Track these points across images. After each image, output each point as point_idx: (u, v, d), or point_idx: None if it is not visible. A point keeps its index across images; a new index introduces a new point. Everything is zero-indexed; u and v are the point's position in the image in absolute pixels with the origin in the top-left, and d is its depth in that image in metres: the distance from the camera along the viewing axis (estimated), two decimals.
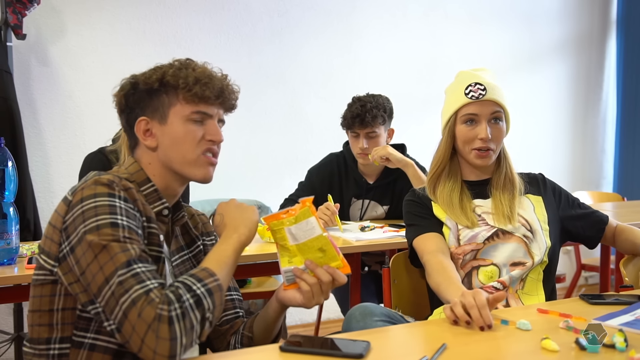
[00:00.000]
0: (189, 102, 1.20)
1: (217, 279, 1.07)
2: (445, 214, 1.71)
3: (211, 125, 1.23)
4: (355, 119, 2.58)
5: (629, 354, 1.05)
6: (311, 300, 1.21)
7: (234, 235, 1.18)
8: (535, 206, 1.75)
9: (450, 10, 4.15)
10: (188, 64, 1.23)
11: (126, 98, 1.23)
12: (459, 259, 1.66)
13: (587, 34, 4.70)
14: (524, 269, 1.65)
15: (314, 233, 1.21)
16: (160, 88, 1.20)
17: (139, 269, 1.01)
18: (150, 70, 1.23)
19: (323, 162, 2.80)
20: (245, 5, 3.57)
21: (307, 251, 1.22)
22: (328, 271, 1.21)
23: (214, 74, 1.23)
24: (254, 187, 3.54)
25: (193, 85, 1.19)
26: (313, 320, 3.43)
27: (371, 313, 1.45)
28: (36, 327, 1.12)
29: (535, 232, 1.69)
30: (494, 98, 1.68)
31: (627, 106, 4.68)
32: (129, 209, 1.10)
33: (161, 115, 1.21)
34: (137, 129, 1.22)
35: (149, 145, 1.22)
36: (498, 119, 1.70)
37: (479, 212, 1.72)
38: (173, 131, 1.20)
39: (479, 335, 1.19)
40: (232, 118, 1.37)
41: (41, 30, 3.09)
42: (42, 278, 1.12)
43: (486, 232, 1.68)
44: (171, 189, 1.26)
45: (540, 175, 1.86)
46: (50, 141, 3.14)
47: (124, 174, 1.21)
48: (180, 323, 0.97)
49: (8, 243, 1.80)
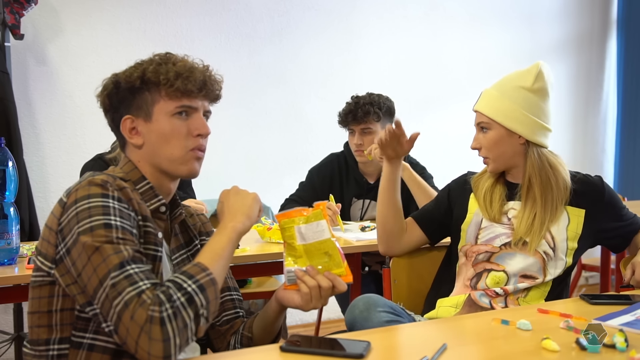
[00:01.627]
0: (172, 97, 1.19)
1: (210, 273, 1.05)
2: (476, 206, 1.73)
3: (197, 119, 1.21)
4: (348, 114, 2.63)
5: (629, 354, 1.05)
6: (309, 303, 1.20)
7: (229, 224, 1.16)
8: (571, 221, 1.67)
9: (451, 10, 4.15)
10: (168, 58, 1.21)
11: (109, 98, 1.22)
12: (471, 257, 1.67)
13: (588, 33, 4.70)
14: (532, 283, 1.63)
15: (322, 236, 1.22)
16: (142, 86, 1.19)
17: (131, 270, 1.01)
18: (131, 67, 1.21)
19: (324, 162, 2.80)
20: (246, 5, 3.57)
21: (313, 253, 1.22)
22: (328, 277, 1.20)
23: (195, 66, 1.21)
24: (254, 186, 3.47)
25: (174, 80, 1.17)
26: (313, 320, 3.42)
27: (375, 304, 1.45)
28: (35, 328, 1.12)
29: (557, 249, 1.64)
30: (478, 108, 1.72)
31: (628, 106, 4.67)
32: (123, 209, 1.10)
33: (145, 113, 1.20)
34: (123, 127, 1.21)
35: (135, 144, 1.21)
36: (484, 127, 1.71)
37: (511, 215, 1.69)
38: (159, 128, 1.19)
39: (479, 335, 1.19)
40: (232, 118, 1.38)
41: (40, 30, 3.09)
42: (40, 279, 1.12)
43: (506, 237, 1.66)
44: (164, 186, 1.25)
45: (598, 181, 1.74)
46: (49, 141, 3.14)
47: (119, 173, 1.21)
48: (173, 323, 0.97)
49: (8, 243, 1.80)
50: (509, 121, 1.66)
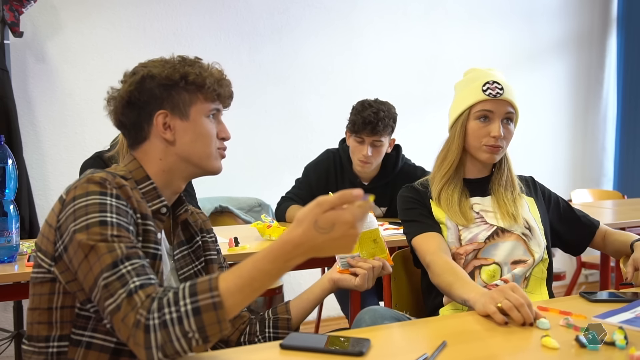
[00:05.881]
0: (209, 100, 1.25)
1: (216, 295, 0.94)
2: (444, 215, 1.70)
3: (222, 124, 1.31)
4: (367, 125, 2.50)
5: (629, 352, 1.05)
6: (364, 283, 1.39)
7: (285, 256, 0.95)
8: (529, 206, 1.76)
9: (451, 9, 4.15)
10: (202, 64, 1.26)
11: (140, 91, 1.21)
12: (461, 258, 1.66)
13: (588, 31, 4.70)
14: (525, 266, 1.65)
15: (371, 226, 1.46)
16: (184, 85, 1.21)
17: (124, 269, 1.00)
18: (166, 66, 1.21)
19: (320, 159, 2.79)
20: (246, 3, 3.56)
21: (364, 240, 1.43)
22: (379, 261, 1.41)
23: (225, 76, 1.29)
24: (255, 184, 3.54)
25: (217, 86, 1.25)
26: (313, 318, 3.43)
27: (381, 317, 1.44)
28: (35, 325, 1.12)
29: (533, 229, 1.70)
30: (510, 99, 1.69)
31: (628, 104, 4.67)
32: (121, 206, 1.10)
33: (182, 112, 1.22)
34: (157, 122, 1.21)
35: (168, 139, 1.22)
36: (510, 119, 1.71)
37: (477, 209, 1.72)
38: (197, 127, 1.23)
39: (478, 332, 1.19)
40: (232, 116, 1.39)
41: (39, 28, 3.09)
42: (40, 276, 1.12)
43: (486, 232, 1.68)
44: (175, 185, 1.26)
45: (530, 178, 1.87)
46: (49, 139, 3.14)
47: (121, 171, 1.21)
48: (157, 334, 0.94)
49: (8, 241, 1.80)
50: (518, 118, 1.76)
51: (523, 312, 1.19)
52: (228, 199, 3.31)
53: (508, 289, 1.24)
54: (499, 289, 1.25)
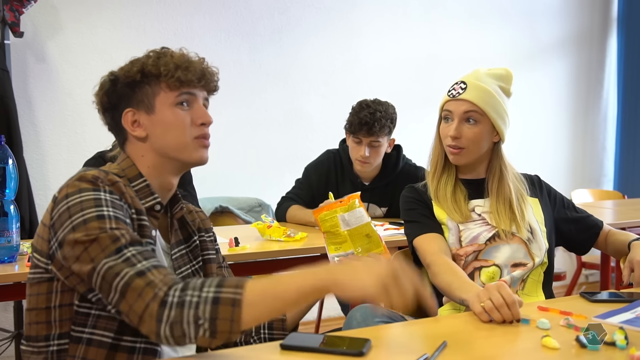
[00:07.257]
0: (172, 88, 1.20)
1: (239, 293, 0.97)
2: (446, 215, 1.70)
3: (198, 109, 1.23)
4: (363, 126, 2.49)
5: (629, 352, 1.05)
6: None
7: (321, 274, 1.02)
8: (533, 208, 1.75)
9: (451, 8, 4.15)
10: (165, 52, 1.24)
11: (108, 95, 1.22)
12: (461, 260, 1.66)
13: (588, 31, 4.70)
14: (524, 269, 1.65)
15: (362, 220, 1.46)
16: (142, 79, 1.20)
17: (129, 253, 1.02)
18: (128, 64, 1.23)
19: (320, 159, 2.79)
20: (246, 3, 3.56)
21: (356, 236, 1.43)
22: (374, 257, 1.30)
23: (192, 58, 1.24)
24: (255, 184, 3.54)
25: (175, 71, 1.19)
26: (313, 318, 3.43)
27: (372, 314, 1.44)
28: (34, 325, 1.12)
29: (535, 233, 1.69)
30: (468, 98, 1.66)
31: (628, 104, 4.67)
32: (115, 200, 1.10)
33: (147, 106, 1.21)
34: (125, 121, 1.21)
35: (139, 136, 1.21)
36: (472, 119, 1.67)
37: (479, 211, 1.72)
38: (163, 118, 1.20)
39: (479, 332, 1.19)
40: (232, 116, 1.38)
41: (40, 28, 3.08)
42: (38, 276, 1.13)
43: (487, 233, 1.68)
44: (166, 181, 1.24)
45: (535, 177, 1.86)
46: (49, 139, 3.14)
47: (115, 169, 1.21)
48: (172, 311, 0.97)
49: (9, 241, 1.80)
50: (498, 119, 1.69)
51: (503, 312, 1.22)
52: (228, 199, 3.31)
53: (494, 289, 1.25)
54: (486, 288, 1.28)
